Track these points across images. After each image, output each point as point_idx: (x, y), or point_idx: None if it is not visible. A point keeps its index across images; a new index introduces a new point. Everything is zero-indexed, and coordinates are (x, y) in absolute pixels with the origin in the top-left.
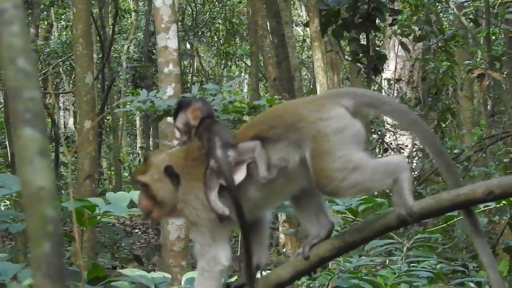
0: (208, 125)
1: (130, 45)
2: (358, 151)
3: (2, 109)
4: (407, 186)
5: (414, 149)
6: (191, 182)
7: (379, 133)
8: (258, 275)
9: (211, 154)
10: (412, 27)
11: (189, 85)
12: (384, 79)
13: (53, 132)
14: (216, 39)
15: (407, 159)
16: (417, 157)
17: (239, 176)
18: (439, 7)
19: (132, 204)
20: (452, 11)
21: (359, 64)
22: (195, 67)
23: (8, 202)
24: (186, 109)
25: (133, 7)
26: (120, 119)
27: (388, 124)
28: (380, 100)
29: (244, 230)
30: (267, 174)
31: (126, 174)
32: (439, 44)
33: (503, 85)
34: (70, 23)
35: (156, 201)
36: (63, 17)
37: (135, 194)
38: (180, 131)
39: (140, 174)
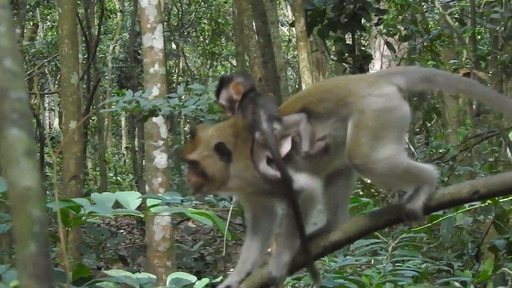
0: (252, 98)
1: (115, 46)
2: (399, 139)
3: None
4: (424, 197)
5: None
6: (244, 160)
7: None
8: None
9: (257, 127)
10: (398, 26)
11: (174, 85)
12: None
13: (38, 133)
14: (202, 39)
15: None
16: None
17: (284, 149)
18: (424, 6)
19: (117, 205)
20: (438, 11)
21: (344, 64)
22: (181, 67)
23: None
24: (228, 85)
25: (119, 8)
26: (106, 120)
27: None
28: (432, 73)
29: (293, 202)
30: (310, 149)
31: (111, 175)
32: (425, 43)
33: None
34: (56, 24)
35: (206, 178)
36: (48, 17)
37: (120, 195)
38: (224, 108)
39: (189, 153)
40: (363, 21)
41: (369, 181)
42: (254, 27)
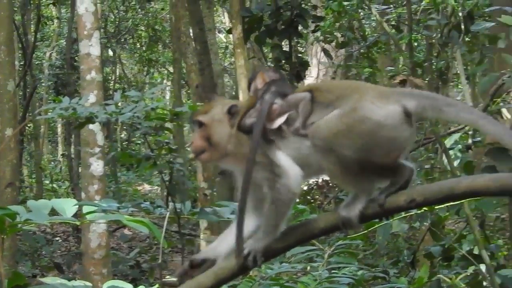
0: (272, 84)
1: (52, 52)
2: (368, 152)
3: None
4: (360, 206)
5: None
6: None
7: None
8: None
9: (261, 98)
10: (335, 33)
11: (111, 92)
12: None
13: None
14: (138, 46)
15: None
16: None
17: (278, 121)
18: (361, 13)
19: (53, 212)
20: (375, 18)
21: (281, 71)
22: (118, 74)
23: None
24: (255, 77)
25: (56, 14)
26: (42, 127)
27: None
28: (446, 102)
29: (247, 179)
30: (301, 128)
31: (47, 182)
32: (362, 50)
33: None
34: None
35: (210, 143)
36: None
37: (56, 202)
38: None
39: (201, 114)
40: (300, 28)
41: (305, 188)
42: (191, 34)
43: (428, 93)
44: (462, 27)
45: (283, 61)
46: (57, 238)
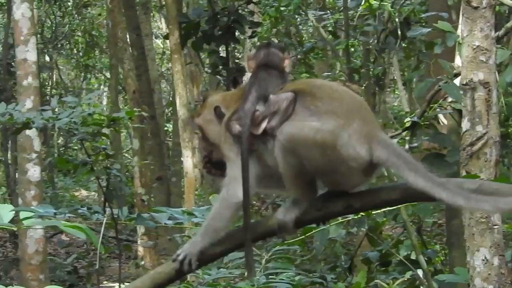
0: (257, 73)
1: None
2: (327, 177)
3: None
4: (297, 211)
5: None
6: None
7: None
8: None
9: (242, 104)
10: (272, 39)
11: (48, 98)
12: None
13: None
14: (75, 52)
15: None
16: None
17: (260, 128)
18: (298, 19)
19: None
20: (312, 23)
21: (218, 77)
22: (54, 79)
23: None
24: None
25: None
26: None
27: None
28: (408, 166)
29: (245, 186)
30: (275, 126)
31: None
32: (299, 56)
33: (361, 97)
34: None
35: (210, 143)
36: None
37: None
38: None
39: (196, 116)
40: (237, 33)
41: None
42: (128, 40)
43: (400, 153)
44: (399, 33)
45: (220, 67)
46: None
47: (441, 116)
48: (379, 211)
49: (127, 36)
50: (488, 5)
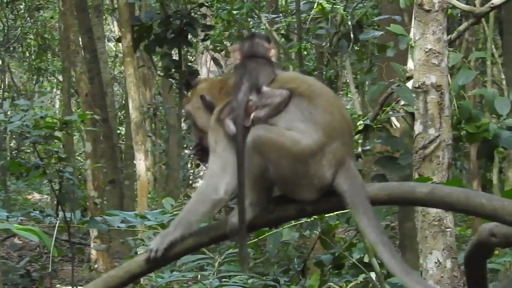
0: (245, 63)
1: None
2: (287, 186)
3: None
4: (250, 214)
5: None
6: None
7: (191, 148)
8: None
9: (235, 95)
10: (224, 42)
11: (0, 101)
12: None
13: None
14: (28, 55)
15: None
16: None
17: (248, 121)
18: (251, 22)
19: None
20: (264, 26)
21: (171, 80)
22: (7, 82)
23: None
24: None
25: None
26: None
27: None
28: (366, 211)
29: (240, 177)
30: (263, 117)
31: None
32: None
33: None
34: None
35: (199, 129)
36: None
37: None
38: None
39: (187, 103)
40: (189, 36)
41: None
42: (81, 43)
43: (360, 190)
44: (351, 36)
45: (173, 70)
46: None
47: (393, 119)
48: (332, 214)
49: (80, 39)
50: (440, 8)
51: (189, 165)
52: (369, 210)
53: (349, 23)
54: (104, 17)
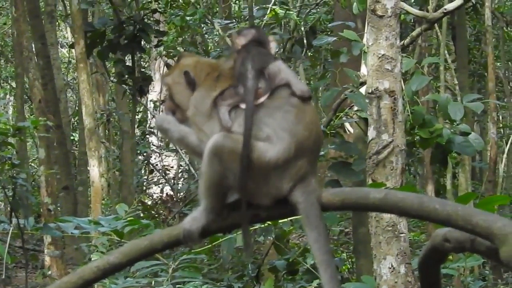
0: (247, 48)
1: None
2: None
3: None
4: (204, 220)
5: (180, 170)
6: (208, 92)
7: (144, 154)
8: None
9: (242, 81)
10: (178, 48)
11: None
12: (150, 100)
13: None
14: None
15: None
16: (182, 178)
17: (259, 101)
18: (204, 28)
19: None
20: (217, 32)
21: (124, 86)
22: None
23: None
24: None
25: None
26: None
27: (154, 145)
28: (314, 227)
29: (244, 166)
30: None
31: None
32: None
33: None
34: None
35: (175, 103)
36: None
37: None
38: None
39: (167, 75)
40: (143, 42)
41: (149, 202)
42: (34, 49)
43: (312, 211)
44: (305, 41)
45: (126, 76)
46: None
47: (347, 125)
48: (285, 220)
49: (33, 45)
50: (393, 14)
51: (142, 171)
52: (320, 226)
53: (303, 29)
54: (57, 23)
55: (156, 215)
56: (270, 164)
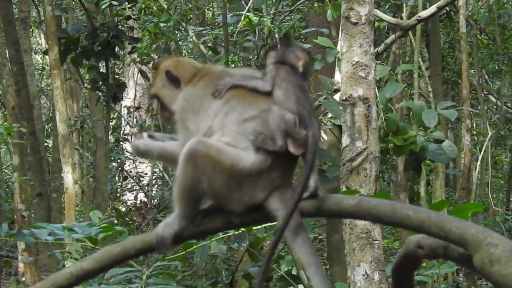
0: (277, 66)
1: None
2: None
3: None
4: (177, 227)
5: (154, 177)
6: (202, 89)
7: (118, 161)
8: None
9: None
10: (152, 55)
11: None
12: (124, 106)
13: None
14: None
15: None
16: (156, 185)
17: None
18: (178, 35)
19: None
20: (191, 39)
21: (98, 92)
22: None
23: None
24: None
25: None
26: None
27: (128, 152)
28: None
29: None
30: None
31: None
32: None
33: None
34: None
35: (168, 109)
36: None
37: None
38: None
39: (150, 88)
40: (117, 49)
41: (123, 209)
42: (7, 55)
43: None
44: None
45: (100, 83)
46: None
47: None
48: (259, 226)
49: (6, 51)
50: (367, 21)
51: (116, 178)
52: (303, 231)
53: (277, 35)
54: (31, 29)
55: (130, 222)
56: (243, 172)
